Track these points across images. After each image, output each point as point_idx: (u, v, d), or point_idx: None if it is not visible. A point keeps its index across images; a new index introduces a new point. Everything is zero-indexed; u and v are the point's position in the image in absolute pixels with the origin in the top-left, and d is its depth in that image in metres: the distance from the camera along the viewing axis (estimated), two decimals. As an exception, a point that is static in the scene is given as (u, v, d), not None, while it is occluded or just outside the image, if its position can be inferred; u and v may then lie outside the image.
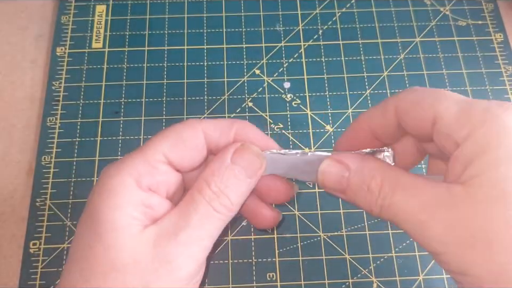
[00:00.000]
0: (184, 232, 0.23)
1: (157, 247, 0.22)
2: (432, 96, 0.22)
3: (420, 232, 0.21)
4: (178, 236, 0.23)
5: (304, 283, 0.36)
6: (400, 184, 0.22)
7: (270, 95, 0.43)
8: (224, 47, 0.45)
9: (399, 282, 0.36)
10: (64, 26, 0.46)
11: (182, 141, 0.25)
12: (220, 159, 0.25)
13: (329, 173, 0.24)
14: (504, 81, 0.44)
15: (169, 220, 0.23)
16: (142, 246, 0.22)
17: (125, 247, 0.22)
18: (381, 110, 0.25)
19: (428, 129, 0.22)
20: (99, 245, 0.22)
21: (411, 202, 0.21)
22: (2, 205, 0.39)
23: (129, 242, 0.22)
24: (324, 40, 0.46)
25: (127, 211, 0.23)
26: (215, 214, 0.24)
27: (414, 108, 0.23)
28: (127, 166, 0.24)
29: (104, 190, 0.23)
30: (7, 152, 0.41)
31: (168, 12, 0.47)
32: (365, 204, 0.23)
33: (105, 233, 0.22)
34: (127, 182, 0.23)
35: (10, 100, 0.43)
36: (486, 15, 0.47)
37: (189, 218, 0.23)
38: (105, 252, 0.22)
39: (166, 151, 0.25)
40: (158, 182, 0.24)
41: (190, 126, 0.25)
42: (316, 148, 0.41)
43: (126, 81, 0.44)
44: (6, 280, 0.37)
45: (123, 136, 0.41)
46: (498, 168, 0.19)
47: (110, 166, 0.24)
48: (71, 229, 0.38)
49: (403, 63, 0.45)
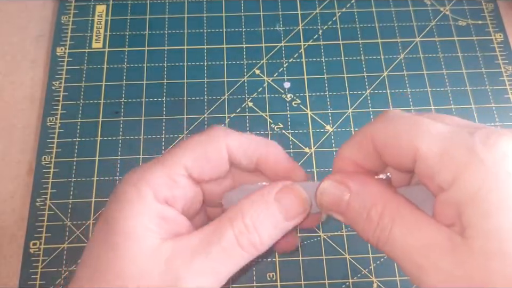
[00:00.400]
0: (200, 260, 0.21)
1: (168, 265, 0.21)
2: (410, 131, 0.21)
3: (416, 276, 0.20)
4: (193, 263, 0.21)
5: (304, 283, 0.36)
6: (400, 216, 0.21)
7: (270, 95, 0.43)
8: (224, 47, 0.45)
9: (399, 282, 0.36)
10: (64, 26, 0.46)
11: (205, 156, 0.24)
12: (263, 191, 0.23)
13: (328, 193, 0.23)
14: (504, 81, 0.44)
15: (189, 241, 0.22)
16: (153, 260, 0.21)
17: (136, 259, 0.21)
18: (358, 143, 0.23)
19: (408, 165, 0.21)
20: (112, 253, 0.22)
21: (410, 241, 0.20)
22: (2, 205, 0.39)
23: (142, 254, 0.21)
24: (324, 40, 0.46)
25: (143, 222, 0.22)
26: (239, 251, 0.22)
27: (392, 144, 0.21)
28: (146, 176, 0.23)
29: (121, 199, 0.23)
30: (7, 152, 0.41)
31: (168, 12, 0.47)
32: (363, 232, 0.22)
33: (119, 242, 0.22)
34: (144, 192, 0.23)
35: (10, 100, 0.43)
36: (486, 15, 0.47)
37: (209, 247, 0.22)
38: (116, 260, 0.21)
39: (187, 164, 0.24)
40: (175, 195, 0.24)
41: (214, 141, 0.25)
42: (315, 148, 0.41)
43: (126, 81, 0.44)
44: (6, 280, 0.36)
45: (123, 136, 0.41)
46: (489, 219, 0.18)
47: (132, 174, 0.24)
48: (71, 229, 0.38)
49: (403, 63, 0.45)
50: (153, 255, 0.21)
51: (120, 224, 0.22)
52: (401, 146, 0.21)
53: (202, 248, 0.22)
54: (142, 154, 0.40)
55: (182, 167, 0.24)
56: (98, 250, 0.22)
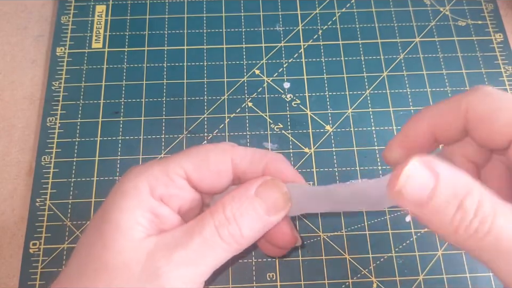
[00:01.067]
0: (181, 251, 0.22)
1: (149, 258, 0.22)
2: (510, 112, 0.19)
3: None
4: (173, 254, 0.22)
5: (304, 283, 0.36)
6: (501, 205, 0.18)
7: (270, 95, 0.43)
8: (224, 47, 0.45)
9: (399, 282, 0.36)
10: (64, 26, 0.46)
11: (207, 163, 0.24)
12: (244, 187, 0.24)
13: (416, 176, 0.19)
14: (504, 81, 0.44)
15: (173, 235, 0.23)
16: (137, 253, 0.22)
17: (121, 250, 0.22)
18: (450, 109, 0.22)
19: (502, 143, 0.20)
20: (100, 243, 0.22)
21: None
22: (2, 205, 0.39)
23: (127, 246, 0.22)
24: (324, 40, 0.46)
25: (134, 215, 0.23)
26: (219, 242, 0.22)
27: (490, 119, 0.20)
28: (145, 172, 0.24)
29: (118, 191, 0.23)
30: (7, 152, 0.41)
31: (168, 12, 0.47)
32: (449, 226, 0.19)
33: (108, 233, 0.22)
34: (140, 186, 0.23)
35: (10, 100, 0.43)
36: (485, 15, 0.47)
37: (190, 239, 0.22)
38: (103, 250, 0.22)
39: (187, 167, 0.24)
40: (171, 194, 0.24)
41: (219, 150, 0.25)
42: (315, 148, 0.41)
43: (126, 81, 0.44)
44: (6, 280, 0.37)
45: (123, 136, 0.41)
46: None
47: (132, 169, 0.24)
48: (71, 229, 0.38)
49: (403, 63, 0.45)
50: (138, 248, 0.22)
51: (113, 215, 0.23)
52: (501, 123, 0.20)
53: (184, 240, 0.22)
54: (142, 154, 0.40)
55: (181, 168, 0.24)
56: (90, 238, 0.23)
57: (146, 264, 0.22)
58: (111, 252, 0.22)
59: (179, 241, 0.22)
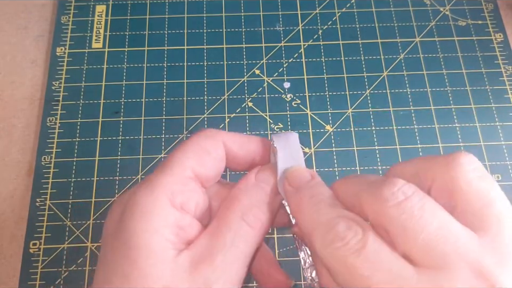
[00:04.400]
0: (220, 254, 0.22)
1: (193, 273, 0.21)
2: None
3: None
4: (215, 260, 0.22)
5: (304, 283, 0.36)
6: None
7: (270, 95, 0.43)
8: (224, 47, 0.45)
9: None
10: (64, 26, 0.46)
11: (207, 153, 0.24)
12: (245, 179, 0.25)
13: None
14: (504, 81, 0.44)
15: (201, 243, 0.22)
16: (178, 273, 0.21)
17: (162, 275, 0.21)
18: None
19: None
20: (135, 272, 0.21)
21: None
22: (2, 205, 0.39)
23: (165, 269, 0.21)
24: (324, 40, 0.46)
25: (163, 234, 0.22)
26: (249, 230, 0.23)
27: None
28: (160, 184, 0.23)
29: (137, 210, 0.22)
30: (7, 152, 0.41)
31: (168, 12, 0.47)
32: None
33: (141, 260, 0.21)
34: (162, 201, 0.22)
35: (10, 100, 0.43)
36: (486, 15, 0.47)
37: (222, 239, 0.22)
38: (142, 280, 0.21)
39: (193, 165, 0.24)
40: (189, 199, 0.23)
41: (210, 137, 0.25)
42: (315, 148, 0.41)
43: (126, 81, 0.44)
44: (6, 280, 0.37)
45: (123, 136, 0.41)
46: None
47: (140, 186, 0.23)
48: (71, 229, 0.38)
49: (403, 63, 0.45)
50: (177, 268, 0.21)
51: (140, 240, 0.21)
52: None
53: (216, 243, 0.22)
54: (142, 154, 0.40)
55: (189, 169, 0.24)
56: (118, 271, 0.21)
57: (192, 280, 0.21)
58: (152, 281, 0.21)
59: (212, 246, 0.22)
